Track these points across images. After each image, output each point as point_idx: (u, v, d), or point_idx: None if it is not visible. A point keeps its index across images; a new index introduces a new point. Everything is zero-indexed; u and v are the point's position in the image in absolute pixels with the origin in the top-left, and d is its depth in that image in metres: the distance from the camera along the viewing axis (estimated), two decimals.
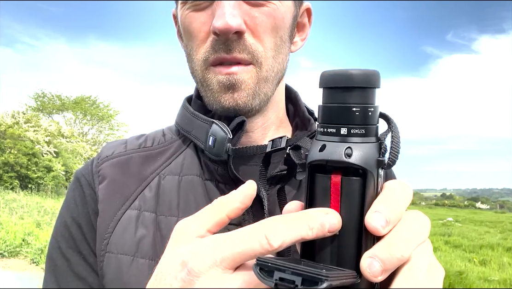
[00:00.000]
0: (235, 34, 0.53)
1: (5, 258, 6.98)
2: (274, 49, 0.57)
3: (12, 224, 8.56)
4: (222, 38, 0.53)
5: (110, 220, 0.58)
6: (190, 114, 0.63)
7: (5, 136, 17.43)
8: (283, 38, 0.59)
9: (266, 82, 0.58)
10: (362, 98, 0.33)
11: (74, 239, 0.60)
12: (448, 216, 21.55)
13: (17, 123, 18.83)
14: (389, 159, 0.34)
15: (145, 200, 0.59)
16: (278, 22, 0.56)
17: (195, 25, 0.56)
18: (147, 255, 0.55)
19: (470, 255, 9.19)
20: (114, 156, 0.64)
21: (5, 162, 16.64)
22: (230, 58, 0.55)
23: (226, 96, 0.56)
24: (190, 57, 0.60)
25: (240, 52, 0.54)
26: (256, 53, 0.55)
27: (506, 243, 10.65)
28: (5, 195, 14.12)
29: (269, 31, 0.56)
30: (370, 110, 0.33)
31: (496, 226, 16.08)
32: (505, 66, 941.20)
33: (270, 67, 0.57)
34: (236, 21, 0.52)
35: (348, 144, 0.33)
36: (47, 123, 21.52)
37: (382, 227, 0.31)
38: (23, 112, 21.84)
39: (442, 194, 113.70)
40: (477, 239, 11.56)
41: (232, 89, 0.56)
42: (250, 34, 0.55)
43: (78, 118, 29.13)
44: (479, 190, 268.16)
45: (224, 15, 0.51)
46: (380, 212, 0.32)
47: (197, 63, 0.58)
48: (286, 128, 0.68)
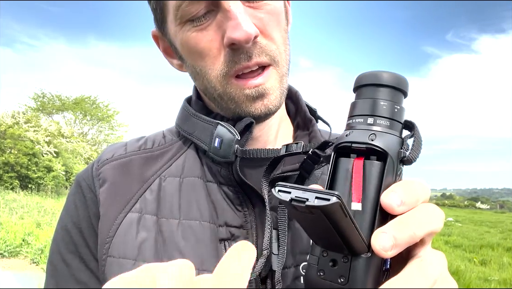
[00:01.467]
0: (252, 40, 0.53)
1: (5, 258, 6.97)
2: (283, 43, 0.58)
3: (12, 224, 8.56)
4: (240, 49, 0.53)
5: (112, 224, 0.57)
6: (191, 115, 0.63)
7: (5, 136, 17.43)
8: (285, 29, 0.60)
9: (286, 76, 0.59)
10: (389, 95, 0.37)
11: (75, 244, 0.60)
12: (448, 216, 21.53)
13: (17, 123, 18.83)
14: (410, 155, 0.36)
15: (146, 202, 0.59)
16: (279, 16, 0.57)
17: (203, 44, 0.55)
18: (149, 259, 0.55)
19: (470, 255, 9.18)
20: (114, 159, 0.63)
21: (5, 162, 16.64)
22: (252, 64, 0.54)
23: (257, 105, 0.56)
24: (203, 75, 0.58)
25: (259, 56, 0.54)
26: (272, 53, 0.56)
27: (506, 243, 10.64)
28: (5, 195, 14.12)
29: (276, 28, 0.56)
30: (396, 107, 0.37)
31: (496, 226, 16.07)
32: (505, 66, 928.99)
33: (285, 61, 0.58)
34: (253, 28, 0.52)
35: (373, 131, 0.35)
36: (47, 123, 21.51)
37: (397, 205, 0.33)
38: (23, 112, 21.83)
39: (442, 194, 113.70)
40: (477, 239, 11.56)
41: (261, 97, 0.56)
42: (261, 36, 0.55)
43: (78, 118, 29.13)
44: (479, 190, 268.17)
45: (239, 25, 0.51)
46: (396, 192, 0.33)
47: (216, 79, 0.56)
48: (286, 126, 0.68)
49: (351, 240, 0.32)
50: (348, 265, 0.33)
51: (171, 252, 0.55)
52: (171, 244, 0.55)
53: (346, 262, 0.33)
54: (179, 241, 0.56)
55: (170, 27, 0.58)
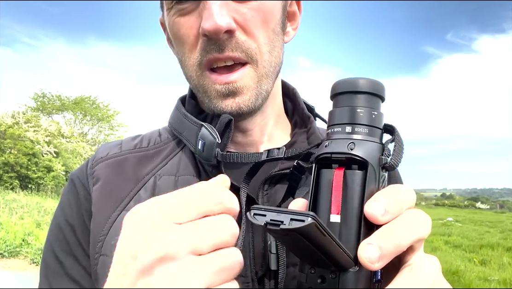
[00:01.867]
0: (226, 34, 0.52)
1: (5, 258, 6.97)
2: (268, 44, 0.56)
3: (12, 224, 8.56)
4: (213, 39, 0.52)
5: (105, 223, 0.57)
6: (181, 115, 0.62)
7: (5, 136, 17.42)
8: (276, 31, 0.57)
9: (266, 78, 0.57)
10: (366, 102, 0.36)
11: (67, 242, 0.60)
12: (448, 216, 21.52)
13: (17, 123, 18.82)
14: (391, 160, 0.35)
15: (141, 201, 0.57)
16: (267, 15, 0.55)
17: (183, 30, 0.55)
18: None
19: (470, 255, 9.18)
20: (109, 157, 0.63)
21: (5, 162, 16.63)
22: (223, 57, 0.53)
23: (227, 102, 0.55)
24: (183, 63, 0.58)
25: (233, 51, 0.53)
26: (250, 51, 0.54)
27: (506, 243, 10.64)
28: (5, 195, 14.12)
29: (260, 26, 0.55)
30: (374, 113, 0.36)
31: (496, 226, 16.06)
32: (505, 66, 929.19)
33: (267, 63, 0.56)
34: (225, 20, 0.51)
35: (352, 140, 0.35)
36: (47, 123, 21.51)
37: (380, 214, 0.32)
38: (23, 112, 21.82)
39: (442, 194, 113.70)
40: (477, 239, 11.55)
41: (233, 95, 0.55)
42: (241, 32, 0.54)
43: (78, 118, 29.12)
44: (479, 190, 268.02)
45: (212, 16, 0.50)
46: (379, 201, 0.32)
47: (191, 68, 0.57)
48: (283, 124, 0.68)
49: (335, 257, 0.31)
50: (336, 281, 0.33)
51: None
52: None
53: (334, 278, 0.33)
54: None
55: (165, 12, 0.59)
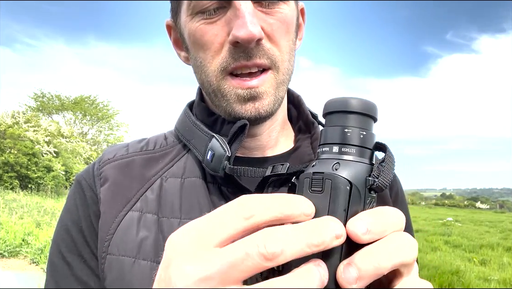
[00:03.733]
0: (255, 42, 0.54)
1: (5, 258, 6.97)
2: (289, 52, 0.59)
3: (12, 224, 8.56)
4: (242, 47, 0.54)
5: (112, 222, 0.58)
6: (191, 123, 0.64)
7: (5, 136, 17.42)
8: (293, 41, 0.61)
9: (283, 85, 0.59)
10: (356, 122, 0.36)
11: (75, 243, 0.60)
12: (448, 216, 21.54)
13: (17, 123, 18.83)
14: (379, 182, 0.34)
15: (147, 202, 0.59)
16: (289, 26, 0.59)
17: (208, 37, 0.57)
18: (149, 257, 0.55)
19: (470, 255, 9.18)
20: (116, 159, 0.64)
21: (5, 162, 16.64)
22: (251, 64, 0.55)
23: (247, 106, 0.57)
24: (202, 68, 0.59)
25: (260, 58, 0.55)
26: (274, 58, 0.57)
27: (506, 242, 10.65)
28: (5, 195, 14.12)
29: (284, 36, 0.58)
30: (362, 133, 0.36)
31: (496, 226, 16.08)
32: (505, 66, 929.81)
33: (286, 70, 0.59)
34: (257, 30, 0.53)
35: (338, 160, 0.35)
36: (47, 123, 21.52)
37: (362, 233, 0.31)
38: (23, 112, 21.82)
39: (442, 194, 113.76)
40: (477, 239, 11.56)
41: (253, 100, 0.57)
42: (267, 40, 0.56)
43: (78, 118, 29.14)
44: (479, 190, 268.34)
45: (245, 25, 0.52)
46: (362, 219, 0.32)
47: (212, 73, 0.58)
48: (288, 130, 0.69)
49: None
50: None
51: None
52: None
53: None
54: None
55: (182, 17, 0.60)
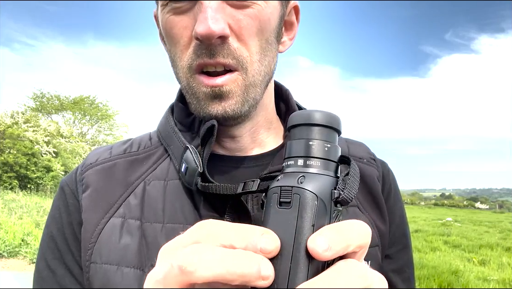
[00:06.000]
0: (219, 39, 0.51)
1: (4, 258, 6.97)
2: (260, 52, 0.55)
3: (11, 224, 8.55)
4: (204, 44, 0.51)
5: (94, 230, 0.57)
6: (170, 128, 0.62)
7: (4, 136, 17.41)
8: (269, 40, 0.56)
9: (254, 87, 0.56)
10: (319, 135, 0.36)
11: (59, 250, 0.59)
12: (447, 216, 21.55)
13: (16, 123, 18.81)
14: (344, 195, 0.34)
15: (130, 207, 0.58)
16: (263, 24, 0.54)
17: (176, 30, 0.54)
18: (132, 264, 0.54)
19: (470, 255, 9.19)
20: (98, 163, 0.62)
21: (4, 162, 16.62)
22: (213, 63, 0.52)
23: (214, 104, 0.54)
24: (174, 62, 0.57)
25: (224, 57, 0.52)
26: (241, 58, 0.53)
27: (505, 243, 10.65)
28: (4, 195, 14.11)
29: (254, 34, 0.54)
30: (327, 146, 0.36)
31: (495, 226, 16.09)
32: (504, 66, 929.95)
33: (256, 72, 0.55)
34: (219, 26, 0.50)
35: (303, 173, 0.34)
36: (46, 123, 21.50)
37: (323, 250, 0.30)
38: (22, 112, 21.80)
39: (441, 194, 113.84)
40: (476, 239, 11.57)
41: (219, 99, 0.54)
42: (234, 38, 0.53)
43: (77, 118, 29.12)
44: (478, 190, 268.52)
45: (206, 20, 0.49)
46: (324, 235, 0.31)
47: (182, 70, 0.56)
48: (276, 129, 0.67)
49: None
50: None
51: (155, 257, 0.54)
52: (154, 248, 0.54)
53: None
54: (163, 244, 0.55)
55: (158, 5, 0.57)
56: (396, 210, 0.67)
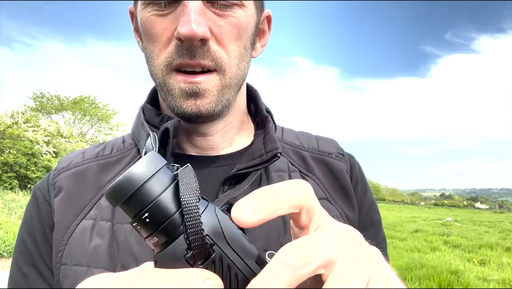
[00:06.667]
0: (200, 41, 0.53)
1: (4, 258, 6.97)
2: (238, 57, 0.58)
3: (11, 224, 8.55)
4: (186, 44, 0.53)
5: (65, 232, 0.58)
6: (139, 123, 0.63)
7: (4, 136, 17.41)
8: (246, 46, 0.60)
9: (229, 88, 0.58)
10: (130, 210, 0.30)
11: (30, 255, 0.60)
12: (447, 216, 21.56)
13: (16, 123, 18.82)
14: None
15: (102, 209, 0.59)
16: (242, 31, 0.57)
17: (156, 29, 0.56)
18: (103, 265, 0.55)
19: (469, 255, 9.18)
20: (71, 167, 0.64)
21: (4, 162, 16.62)
22: (194, 63, 0.55)
23: (188, 102, 0.56)
24: (150, 60, 0.59)
25: (204, 59, 0.55)
26: (220, 61, 0.56)
27: (505, 243, 10.65)
28: (4, 195, 14.11)
29: (233, 40, 0.57)
30: (144, 215, 0.30)
31: (495, 226, 16.09)
32: (504, 66, 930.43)
33: (233, 75, 0.58)
34: (201, 29, 0.52)
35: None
36: (46, 123, 21.50)
37: (246, 216, 0.28)
38: (22, 112, 21.80)
39: (441, 194, 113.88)
40: (476, 239, 11.57)
41: (195, 96, 0.56)
42: (214, 42, 0.55)
43: (77, 118, 29.13)
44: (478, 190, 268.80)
45: (189, 22, 0.52)
46: (247, 201, 0.28)
47: (158, 67, 0.57)
48: (249, 129, 0.70)
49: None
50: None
51: (126, 258, 0.55)
52: (125, 249, 0.55)
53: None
54: (133, 246, 0.55)
55: (138, 5, 0.59)
56: (365, 199, 0.71)
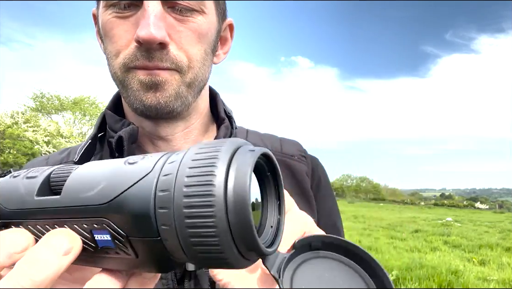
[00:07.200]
0: (159, 45, 0.54)
1: None
2: (199, 61, 0.59)
3: None
4: (144, 47, 0.54)
5: None
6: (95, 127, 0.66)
7: (4, 136, 17.41)
8: (207, 51, 0.61)
9: (189, 87, 0.59)
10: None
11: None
12: (447, 216, 21.56)
13: (16, 123, 18.82)
14: None
15: None
16: (202, 36, 0.59)
17: (116, 31, 0.57)
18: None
19: (469, 255, 9.18)
20: None
21: (4, 162, 16.62)
22: (152, 66, 0.55)
23: (148, 94, 0.57)
24: (110, 60, 0.60)
25: (162, 61, 0.56)
26: (181, 64, 0.57)
27: (505, 243, 10.65)
28: None
29: (194, 45, 0.58)
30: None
31: (495, 226, 16.09)
32: (504, 66, 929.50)
33: (193, 75, 0.59)
34: (160, 33, 0.53)
35: None
36: (46, 123, 21.51)
37: None
38: (22, 112, 21.80)
39: (441, 194, 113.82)
40: (476, 239, 11.57)
41: (154, 88, 0.57)
42: (174, 46, 0.56)
43: (77, 118, 29.13)
44: (478, 190, 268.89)
45: (148, 26, 0.52)
46: None
47: (117, 66, 0.58)
48: (213, 132, 0.70)
49: None
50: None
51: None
52: None
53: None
54: None
55: (100, 7, 0.60)
56: (326, 202, 0.71)
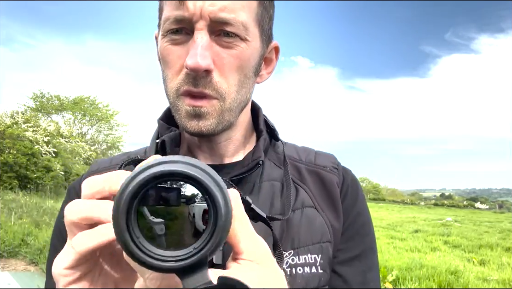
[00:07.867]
0: (204, 72, 0.61)
1: (4, 258, 6.97)
2: (238, 85, 0.66)
3: (11, 224, 8.56)
4: (192, 74, 0.62)
5: None
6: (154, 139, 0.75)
7: (4, 136, 17.41)
8: (248, 75, 0.68)
9: (230, 112, 0.67)
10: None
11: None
12: (447, 216, 21.58)
13: (16, 123, 18.81)
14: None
15: None
16: (243, 62, 0.66)
17: (171, 57, 0.65)
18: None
19: (469, 255, 9.19)
20: (100, 170, 0.76)
21: (4, 162, 16.61)
22: (197, 92, 0.63)
23: (192, 123, 0.65)
24: (165, 83, 0.68)
25: (206, 88, 0.63)
26: (221, 90, 0.64)
27: (505, 243, 10.66)
28: (4, 195, 14.10)
29: (234, 70, 0.65)
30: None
31: (495, 226, 16.09)
32: (504, 66, 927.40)
33: (233, 100, 0.66)
34: (205, 62, 0.60)
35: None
36: (46, 123, 21.51)
37: None
38: (22, 112, 21.79)
39: (441, 194, 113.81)
40: (476, 239, 11.57)
41: (197, 118, 0.65)
42: (217, 72, 0.63)
43: (77, 118, 29.13)
44: (478, 190, 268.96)
45: (196, 55, 0.60)
46: None
47: (170, 90, 0.66)
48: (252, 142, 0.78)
49: None
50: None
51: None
52: None
53: None
54: None
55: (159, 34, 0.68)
56: (352, 210, 0.76)
